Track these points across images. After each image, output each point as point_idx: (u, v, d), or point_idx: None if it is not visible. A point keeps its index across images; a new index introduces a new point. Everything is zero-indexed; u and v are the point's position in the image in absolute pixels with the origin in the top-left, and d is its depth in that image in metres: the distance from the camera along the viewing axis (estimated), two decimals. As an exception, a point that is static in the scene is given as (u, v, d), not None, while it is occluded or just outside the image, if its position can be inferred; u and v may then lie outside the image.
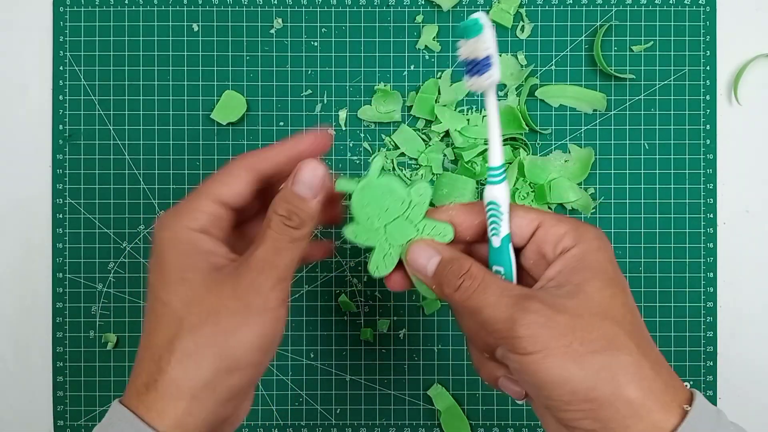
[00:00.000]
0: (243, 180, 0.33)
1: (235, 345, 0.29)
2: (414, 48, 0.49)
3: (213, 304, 0.30)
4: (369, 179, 0.32)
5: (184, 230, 0.31)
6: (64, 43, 0.49)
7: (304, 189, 0.31)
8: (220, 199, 0.32)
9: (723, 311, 0.49)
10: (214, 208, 0.32)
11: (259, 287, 0.30)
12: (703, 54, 0.49)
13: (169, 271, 0.31)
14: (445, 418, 0.48)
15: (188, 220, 0.32)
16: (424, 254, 0.32)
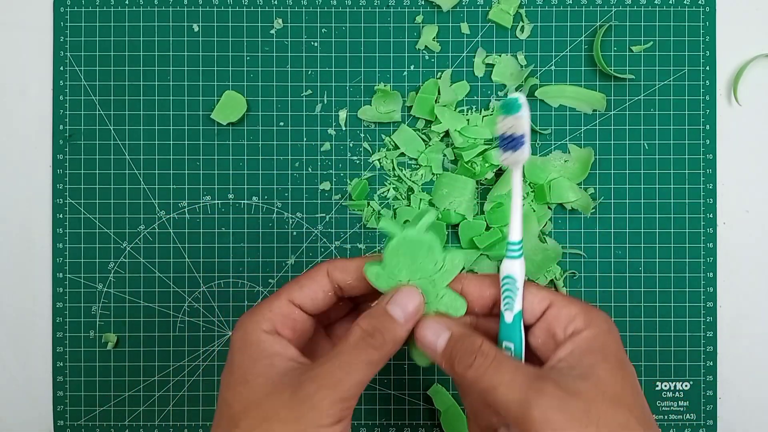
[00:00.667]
0: (319, 284, 0.33)
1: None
2: (414, 48, 0.49)
3: (268, 411, 0.29)
4: (415, 232, 0.32)
5: (255, 331, 0.32)
6: (65, 43, 0.49)
7: (397, 311, 0.31)
8: (294, 301, 0.33)
9: (723, 311, 0.49)
10: (288, 309, 0.33)
11: (316, 402, 0.29)
12: (702, 54, 0.49)
13: (234, 371, 0.31)
14: (445, 418, 0.48)
15: (260, 321, 0.32)
16: (432, 330, 0.32)
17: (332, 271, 0.33)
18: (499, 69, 0.49)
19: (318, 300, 0.33)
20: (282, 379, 0.30)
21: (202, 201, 0.49)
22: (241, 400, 0.30)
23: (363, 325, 0.31)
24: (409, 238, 0.32)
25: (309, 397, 0.29)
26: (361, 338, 0.30)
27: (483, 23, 0.49)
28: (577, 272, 0.49)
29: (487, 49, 0.49)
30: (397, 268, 0.32)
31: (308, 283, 0.33)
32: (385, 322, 0.31)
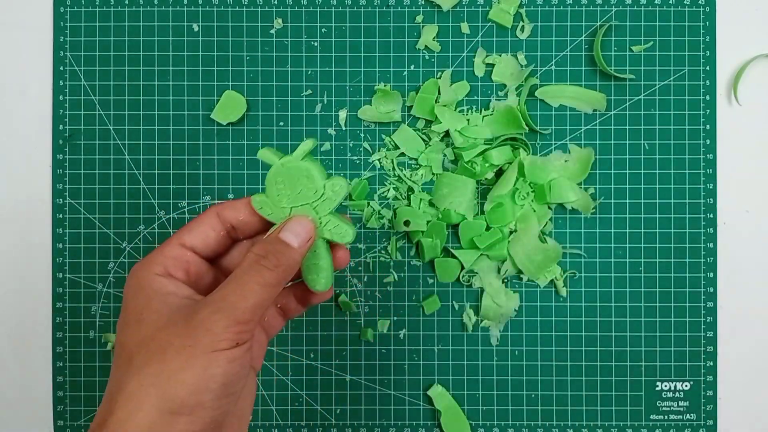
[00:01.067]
0: (209, 225, 0.33)
1: (177, 385, 0.27)
2: (414, 48, 0.49)
3: (162, 342, 0.28)
4: (291, 158, 0.32)
5: (147, 275, 0.31)
6: (64, 43, 0.49)
7: (290, 236, 0.31)
8: (185, 243, 0.32)
9: (723, 311, 0.49)
10: (179, 252, 0.32)
11: (210, 326, 0.28)
12: (702, 54, 0.49)
13: (127, 315, 0.30)
14: (445, 419, 0.48)
15: (151, 266, 0.31)
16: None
17: (222, 210, 0.33)
18: (499, 69, 0.49)
19: (210, 240, 0.33)
20: (176, 312, 0.30)
21: (202, 201, 0.49)
22: (134, 338, 0.29)
23: (256, 250, 0.31)
24: (286, 165, 0.32)
25: (202, 322, 0.28)
26: (255, 261, 0.30)
27: (483, 23, 0.49)
28: (577, 272, 0.49)
29: (487, 49, 0.49)
30: (278, 196, 0.32)
31: (197, 226, 0.33)
32: (278, 246, 0.31)
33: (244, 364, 0.30)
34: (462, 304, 0.49)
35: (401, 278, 0.49)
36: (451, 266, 0.48)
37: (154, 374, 0.28)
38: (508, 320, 0.49)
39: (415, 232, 0.48)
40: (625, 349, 0.49)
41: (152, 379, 0.28)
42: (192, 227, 0.33)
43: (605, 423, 0.49)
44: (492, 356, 0.49)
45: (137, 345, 0.29)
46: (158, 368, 0.28)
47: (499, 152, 0.48)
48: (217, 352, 0.28)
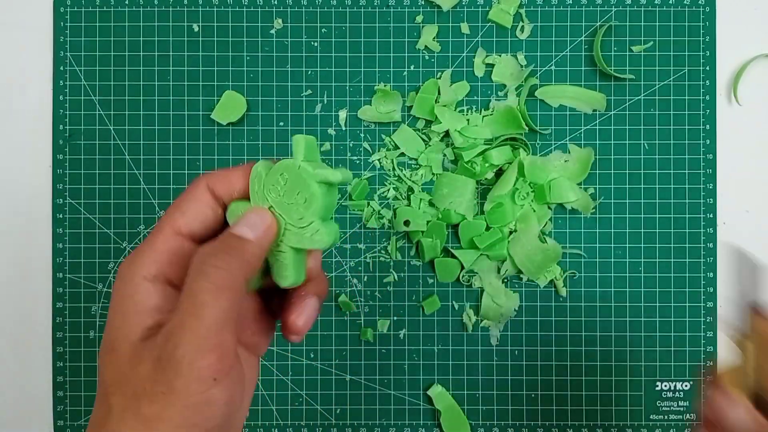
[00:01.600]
0: (202, 201, 0.28)
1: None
2: (414, 48, 0.49)
3: (133, 386, 0.25)
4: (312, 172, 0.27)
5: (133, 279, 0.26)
6: (65, 43, 0.49)
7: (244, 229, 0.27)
8: (181, 230, 0.27)
9: (723, 311, 0.49)
10: (175, 243, 0.27)
11: (177, 366, 0.24)
12: (702, 54, 0.49)
13: (106, 334, 0.26)
14: (445, 418, 0.48)
15: (140, 265, 0.26)
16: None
17: (213, 184, 0.28)
18: (499, 69, 0.49)
19: (209, 221, 0.28)
20: (149, 342, 0.25)
21: (202, 201, 0.49)
22: (108, 371, 0.26)
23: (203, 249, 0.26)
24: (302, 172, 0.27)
25: (168, 361, 0.24)
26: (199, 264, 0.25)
27: (483, 23, 0.49)
28: (577, 272, 0.49)
29: (487, 49, 0.49)
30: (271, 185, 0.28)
31: (190, 205, 0.27)
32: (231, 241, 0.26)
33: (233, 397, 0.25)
34: (462, 304, 0.49)
35: (401, 278, 0.49)
36: (451, 266, 0.48)
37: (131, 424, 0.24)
38: (508, 320, 0.49)
39: (415, 232, 0.48)
40: (625, 349, 0.49)
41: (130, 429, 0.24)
42: (183, 207, 0.28)
43: (605, 423, 0.49)
44: (492, 356, 0.49)
45: (111, 383, 0.26)
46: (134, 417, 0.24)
47: (499, 152, 0.48)
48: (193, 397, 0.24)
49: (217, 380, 0.24)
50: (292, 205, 0.28)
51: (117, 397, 0.25)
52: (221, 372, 0.24)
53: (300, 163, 0.28)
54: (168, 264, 0.27)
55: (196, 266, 0.25)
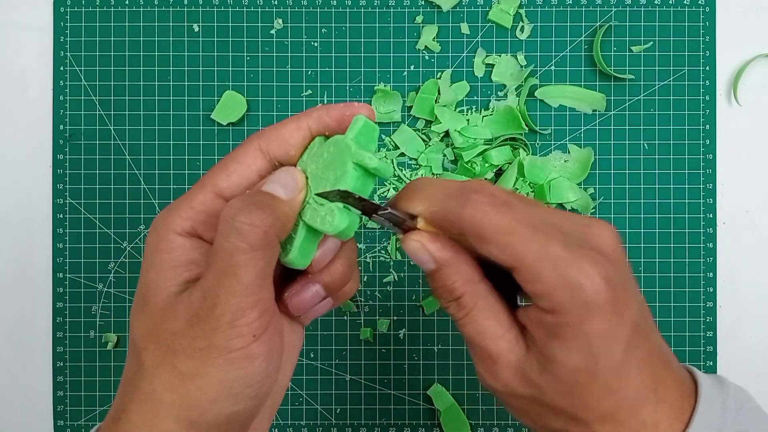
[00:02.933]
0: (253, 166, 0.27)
1: (194, 392, 0.24)
2: (414, 48, 0.49)
3: (168, 341, 0.24)
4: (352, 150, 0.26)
5: (168, 233, 0.26)
6: (65, 43, 0.49)
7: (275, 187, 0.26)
8: (223, 193, 0.26)
9: (723, 311, 0.49)
10: (213, 204, 0.26)
11: (216, 323, 0.24)
12: (702, 54, 0.49)
13: (139, 289, 0.26)
14: (445, 418, 0.48)
15: (174, 220, 0.26)
16: (421, 255, 0.27)
17: (266, 145, 0.27)
18: (499, 69, 0.49)
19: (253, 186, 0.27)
20: (184, 297, 0.25)
21: (202, 201, 0.49)
22: (140, 326, 0.25)
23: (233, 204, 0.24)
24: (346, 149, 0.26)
25: (206, 318, 0.24)
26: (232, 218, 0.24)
27: (483, 23, 0.49)
28: (577, 272, 0.49)
29: (487, 49, 0.49)
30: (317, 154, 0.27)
31: (237, 168, 0.26)
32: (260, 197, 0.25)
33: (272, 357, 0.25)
34: (462, 304, 0.49)
35: (401, 278, 0.49)
36: (451, 266, 0.48)
37: (166, 379, 0.24)
38: (508, 320, 0.49)
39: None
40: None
41: (166, 385, 0.24)
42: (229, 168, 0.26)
43: (605, 423, 0.49)
44: (492, 356, 0.49)
45: (143, 337, 0.25)
46: (170, 373, 0.24)
47: (499, 152, 0.48)
48: (234, 352, 0.24)
49: (256, 336, 0.24)
50: (323, 180, 0.26)
51: (149, 352, 0.25)
52: (260, 329, 0.24)
53: (347, 140, 0.26)
54: (203, 223, 0.26)
55: (227, 222, 0.24)
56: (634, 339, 0.25)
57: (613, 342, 0.24)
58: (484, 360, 0.26)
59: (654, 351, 0.26)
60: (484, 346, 0.26)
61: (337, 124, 0.27)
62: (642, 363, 0.25)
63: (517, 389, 0.26)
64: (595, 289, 0.24)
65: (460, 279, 0.27)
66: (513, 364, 0.26)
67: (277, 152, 0.27)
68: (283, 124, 0.27)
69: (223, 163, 0.27)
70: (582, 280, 0.24)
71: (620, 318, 0.24)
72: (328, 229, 0.26)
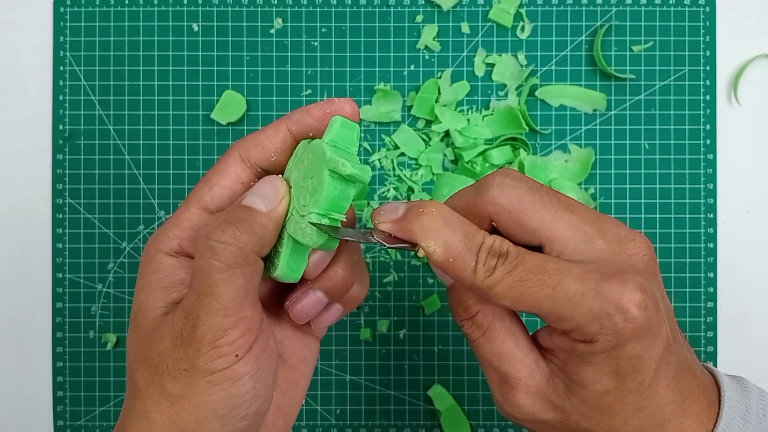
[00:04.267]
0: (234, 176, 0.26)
1: (182, 414, 0.24)
2: (414, 48, 0.49)
3: (156, 362, 0.24)
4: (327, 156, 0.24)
5: (157, 254, 0.26)
6: (64, 43, 0.49)
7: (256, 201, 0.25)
8: (208, 207, 0.26)
9: (723, 311, 0.49)
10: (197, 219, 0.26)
11: (198, 345, 0.23)
12: (703, 54, 0.49)
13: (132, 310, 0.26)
14: (446, 419, 0.48)
15: (163, 241, 0.26)
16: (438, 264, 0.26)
17: (246, 152, 0.26)
18: (500, 69, 0.49)
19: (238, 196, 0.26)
20: (170, 318, 0.24)
21: (202, 201, 0.49)
22: (133, 346, 0.25)
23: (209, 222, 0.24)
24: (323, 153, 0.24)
25: (189, 338, 0.23)
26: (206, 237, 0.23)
27: (483, 23, 0.49)
28: (577, 272, 0.49)
29: (487, 48, 0.49)
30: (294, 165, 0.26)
31: (219, 179, 0.26)
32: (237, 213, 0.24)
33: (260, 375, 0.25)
34: (462, 304, 0.49)
35: (401, 278, 0.49)
36: (451, 266, 0.48)
37: (156, 400, 0.24)
38: (508, 320, 0.49)
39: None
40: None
41: (156, 406, 0.24)
42: (211, 180, 0.26)
43: (605, 423, 0.49)
44: (492, 356, 0.49)
45: (135, 359, 0.25)
46: (159, 394, 0.24)
47: (499, 152, 0.48)
48: (216, 374, 0.24)
49: (239, 356, 0.24)
50: (303, 189, 0.25)
51: (141, 373, 0.25)
52: (244, 347, 0.24)
53: (323, 145, 0.25)
54: (190, 239, 0.26)
55: (202, 241, 0.24)
56: (664, 357, 0.24)
57: (645, 364, 0.24)
58: (502, 386, 0.26)
59: (682, 364, 0.25)
60: (501, 370, 0.25)
61: (319, 123, 0.26)
62: (671, 379, 0.25)
63: (538, 414, 0.25)
64: (631, 319, 0.23)
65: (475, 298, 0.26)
66: (533, 390, 0.25)
67: (257, 158, 0.26)
68: (263, 129, 0.27)
69: (207, 175, 0.27)
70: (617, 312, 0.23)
71: (653, 341, 0.24)
72: (308, 242, 0.25)
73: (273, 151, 0.26)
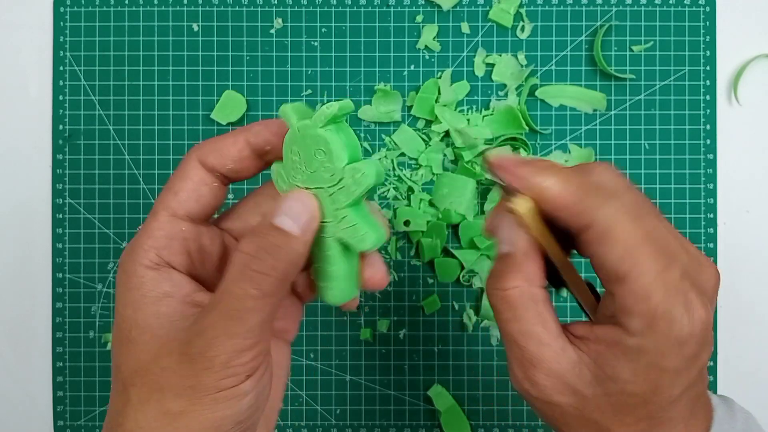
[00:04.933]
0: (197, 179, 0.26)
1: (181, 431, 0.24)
2: (414, 48, 0.49)
3: (158, 378, 0.24)
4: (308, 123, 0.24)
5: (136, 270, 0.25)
6: (64, 43, 0.49)
7: (287, 221, 0.24)
8: (177, 213, 0.26)
9: (723, 311, 0.49)
10: (171, 228, 0.26)
11: (209, 363, 0.23)
12: (703, 54, 0.49)
13: (118, 326, 0.25)
14: (446, 419, 0.48)
15: (139, 255, 0.25)
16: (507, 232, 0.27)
17: (204, 157, 0.26)
18: (500, 69, 0.49)
19: (205, 198, 0.26)
20: (169, 334, 0.24)
21: (202, 201, 0.49)
22: (126, 363, 0.25)
23: (245, 248, 0.24)
24: (302, 131, 0.24)
25: (199, 356, 0.23)
26: (245, 266, 0.24)
27: (483, 23, 0.49)
28: (577, 272, 0.49)
29: (487, 48, 0.49)
30: (293, 170, 0.25)
31: (182, 184, 0.26)
32: (272, 238, 0.24)
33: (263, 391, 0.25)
34: (462, 304, 0.49)
35: (401, 278, 0.49)
36: (451, 266, 0.48)
37: (153, 417, 0.24)
38: (508, 320, 0.49)
39: (415, 232, 0.48)
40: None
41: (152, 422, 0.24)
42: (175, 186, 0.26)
43: (605, 423, 0.49)
44: (492, 356, 0.49)
45: (131, 374, 0.25)
46: (157, 410, 0.24)
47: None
48: (223, 392, 0.23)
49: (248, 376, 0.24)
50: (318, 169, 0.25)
51: (137, 388, 0.24)
52: (254, 368, 0.24)
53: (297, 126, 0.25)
54: (167, 249, 0.26)
55: (239, 269, 0.24)
56: (695, 380, 0.25)
57: (679, 381, 0.24)
58: (523, 363, 0.26)
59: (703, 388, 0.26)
60: (526, 348, 0.26)
61: (277, 139, 0.26)
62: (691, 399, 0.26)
63: (554, 396, 0.26)
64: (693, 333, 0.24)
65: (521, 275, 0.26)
66: (556, 373, 0.26)
67: (214, 164, 0.26)
68: (221, 137, 0.27)
69: (169, 183, 0.27)
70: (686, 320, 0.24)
71: (695, 363, 0.25)
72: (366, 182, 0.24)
73: (230, 159, 0.26)
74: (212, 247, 0.27)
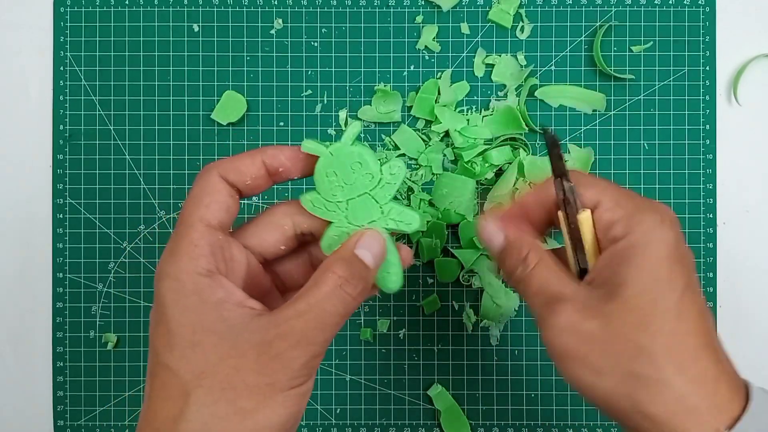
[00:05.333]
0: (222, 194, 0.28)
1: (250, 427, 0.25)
2: (414, 48, 0.49)
3: (230, 377, 0.25)
4: (340, 145, 0.29)
5: (190, 277, 0.26)
6: (65, 43, 0.49)
7: (366, 255, 0.28)
8: (209, 223, 0.27)
9: (723, 311, 0.49)
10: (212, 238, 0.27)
11: (289, 363, 0.25)
12: (702, 54, 0.49)
13: (174, 332, 0.26)
14: (445, 419, 0.48)
15: (192, 262, 0.26)
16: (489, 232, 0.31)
17: (225, 174, 0.28)
18: (499, 69, 0.49)
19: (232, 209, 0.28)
20: (239, 336, 0.25)
21: (202, 201, 0.49)
22: (190, 366, 0.25)
23: (339, 271, 0.27)
24: (336, 153, 0.29)
25: (279, 357, 0.25)
26: (337, 286, 0.27)
27: (483, 23, 0.49)
28: (577, 272, 0.49)
29: (487, 49, 0.49)
30: (331, 190, 0.30)
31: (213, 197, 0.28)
32: (359, 268, 0.28)
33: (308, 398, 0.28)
34: (462, 304, 0.49)
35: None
36: (451, 266, 0.48)
37: (223, 416, 0.25)
38: (508, 320, 0.49)
39: (415, 232, 0.48)
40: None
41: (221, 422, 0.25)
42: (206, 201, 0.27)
43: (605, 423, 0.49)
44: (492, 356, 0.49)
45: (195, 376, 0.25)
46: (228, 409, 0.25)
47: (499, 152, 0.48)
48: (294, 389, 0.26)
49: (310, 379, 0.27)
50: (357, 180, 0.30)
51: (204, 389, 0.25)
52: (314, 374, 0.27)
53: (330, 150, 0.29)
54: (213, 257, 0.27)
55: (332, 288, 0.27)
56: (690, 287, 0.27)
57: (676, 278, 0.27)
58: (549, 302, 0.28)
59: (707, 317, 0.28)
60: (549, 290, 0.29)
61: (291, 163, 0.29)
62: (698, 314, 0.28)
63: (583, 324, 0.27)
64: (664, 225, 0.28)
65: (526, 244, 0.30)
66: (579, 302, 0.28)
67: (235, 179, 0.28)
68: (239, 156, 0.29)
69: (195, 197, 0.28)
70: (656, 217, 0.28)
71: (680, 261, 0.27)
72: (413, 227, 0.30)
73: (249, 177, 0.29)
74: (240, 256, 0.29)
